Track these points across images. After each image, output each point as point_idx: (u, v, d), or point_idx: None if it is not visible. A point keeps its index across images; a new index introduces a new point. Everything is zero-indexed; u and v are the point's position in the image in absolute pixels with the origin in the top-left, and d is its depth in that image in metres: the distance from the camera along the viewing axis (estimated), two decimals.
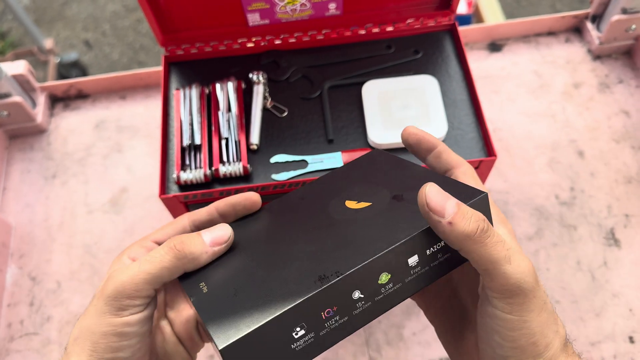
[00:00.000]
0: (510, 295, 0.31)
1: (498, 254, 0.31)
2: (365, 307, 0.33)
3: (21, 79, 0.73)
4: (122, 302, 0.34)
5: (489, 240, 0.31)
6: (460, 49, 0.62)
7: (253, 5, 0.60)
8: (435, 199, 0.31)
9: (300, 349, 0.32)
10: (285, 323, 0.31)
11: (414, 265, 0.33)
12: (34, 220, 0.71)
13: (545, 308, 0.32)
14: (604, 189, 0.70)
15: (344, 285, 0.32)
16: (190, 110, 0.59)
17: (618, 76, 0.78)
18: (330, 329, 0.32)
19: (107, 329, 0.34)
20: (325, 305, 0.32)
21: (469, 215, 0.31)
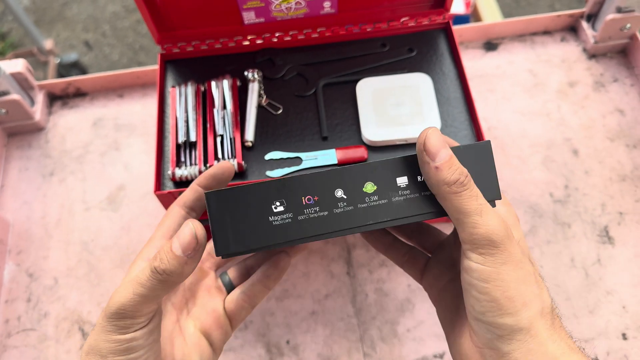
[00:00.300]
0: (480, 246, 0.33)
1: (469, 206, 0.33)
2: (347, 210, 0.34)
3: (19, 77, 0.74)
4: (125, 322, 0.35)
5: (464, 194, 0.33)
6: (454, 48, 0.63)
7: (248, 4, 0.60)
8: (433, 143, 0.33)
9: (278, 225, 0.34)
10: (267, 193, 0.34)
11: (402, 186, 0.35)
12: (32, 217, 0.71)
13: (522, 267, 0.33)
14: (598, 187, 0.70)
15: (328, 178, 0.34)
16: (186, 107, 0.60)
17: (613, 75, 0.78)
18: (308, 217, 0.34)
19: (114, 346, 0.35)
20: (307, 190, 0.34)
21: (455, 167, 0.33)
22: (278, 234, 0.34)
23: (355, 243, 0.68)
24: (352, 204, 0.34)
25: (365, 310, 0.64)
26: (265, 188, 0.34)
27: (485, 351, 0.34)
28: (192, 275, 0.45)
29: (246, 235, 0.34)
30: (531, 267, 0.34)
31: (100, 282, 0.67)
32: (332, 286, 0.65)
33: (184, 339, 0.42)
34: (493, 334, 0.33)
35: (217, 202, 0.34)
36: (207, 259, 0.47)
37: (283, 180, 0.34)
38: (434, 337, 0.62)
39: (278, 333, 0.63)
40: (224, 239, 0.34)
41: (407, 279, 0.65)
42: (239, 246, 0.34)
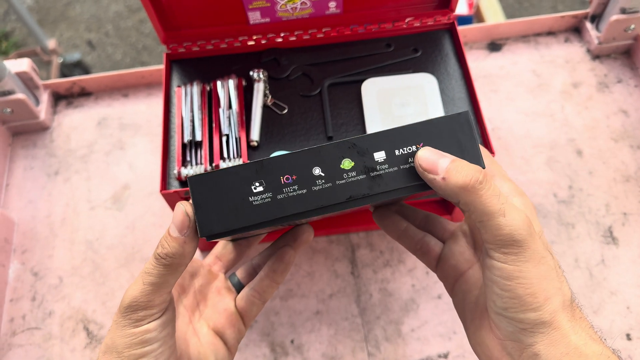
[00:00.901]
0: (503, 245, 0.33)
1: (493, 206, 0.32)
2: (325, 188, 0.35)
3: (24, 76, 0.74)
4: (138, 314, 0.36)
5: (484, 192, 0.32)
6: (459, 48, 0.63)
7: (254, 4, 0.61)
8: (427, 159, 0.33)
9: (258, 205, 0.35)
10: (245, 174, 0.35)
11: (380, 161, 0.35)
12: (37, 217, 0.72)
13: (544, 262, 0.33)
14: (602, 187, 0.70)
15: (305, 157, 0.35)
16: (192, 107, 0.60)
17: (617, 76, 0.78)
18: (287, 195, 0.35)
19: (129, 340, 0.36)
20: (285, 170, 0.35)
21: (463, 167, 0.33)
22: (259, 214, 0.35)
23: (360, 243, 0.68)
24: (330, 181, 0.35)
25: (370, 310, 0.64)
26: (244, 169, 0.35)
27: (507, 343, 0.35)
28: (202, 277, 0.46)
29: (228, 216, 0.35)
30: (552, 261, 0.34)
31: (105, 281, 0.67)
32: (337, 286, 0.65)
33: (199, 339, 0.43)
34: (515, 327, 0.34)
35: (199, 185, 0.35)
36: (215, 263, 0.47)
37: (261, 161, 0.35)
38: (439, 337, 0.62)
39: (282, 332, 0.63)
40: (208, 220, 0.35)
41: (412, 278, 0.65)
42: (222, 226, 0.35)
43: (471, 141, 0.36)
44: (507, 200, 0.33)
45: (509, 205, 0.33)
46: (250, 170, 0.35)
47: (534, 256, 0.33)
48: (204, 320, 0.44)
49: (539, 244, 0.33)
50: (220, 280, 0.46)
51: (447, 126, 0.36)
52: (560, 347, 0.33)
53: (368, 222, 0.67)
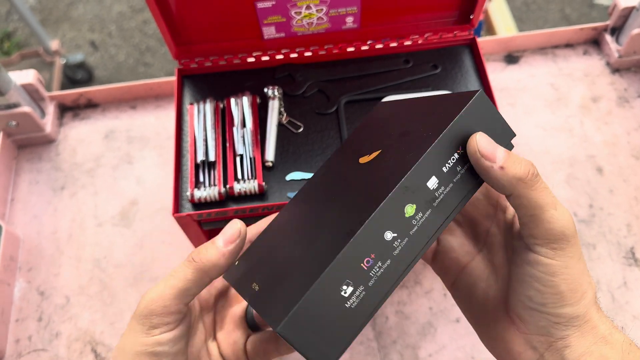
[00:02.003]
0: (554, 240, 0.33)
1: (545, 198, 0.32)
2: (404, 245, 0.33)
3: (30, 88, 0.72)
4: (153, 320, 0.35)
5: (538, 185, 0.32)
6: (480, 64, 0.61)
7: (269, 19, 0.59)
8: (486, 146, 0.32)
9: (356, 306, 0.32)
10: (329, 285, 0.31)
11: (435, 187, 0.33)
12: (42, 233, 0.70)
13: (582, 258, 0.34)
14: (623, 206, 0.68)
15: (371, 230, 0.32)
16: (205, 125, 0.58)
17: (637, 90, 0.76)
18: (377, 277, 0.32)
19: (140, 349, 0.35)
20: (362, 255, 0.32)
21: (519, 160, 0.32)
22: (361, 312, 0.32)
23: None
24: (404, 236, 0.33)
25: (386, 334, 0.62)
26: (328, 279, 0.32)
27: (533, 337, 0.35)
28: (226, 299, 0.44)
29: (337, 335, 0.32)
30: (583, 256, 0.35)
31: (113, 301, 0.65)
32: None
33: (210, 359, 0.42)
34: (549, 321, 0.34)
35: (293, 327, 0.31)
36: None
37: (335, 263, 0.32)
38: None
39: (295, 357, 0.61)
40: (322, 354, 0.32)
41: (429, 301, 0.63)
42: (337, 351, 0.32)
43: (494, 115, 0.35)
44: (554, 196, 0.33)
45: (558, 200, 0.33)
46: (331, 278, 0.32)
47: (577, 252, 0.33)
48: (217, 344, 0.43)
49: (579, 240, 0.34)
50: (240, 306, 0.45)
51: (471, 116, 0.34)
52: (589, 337, 0.34)
53: None
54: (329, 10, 0.58)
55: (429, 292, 0.64)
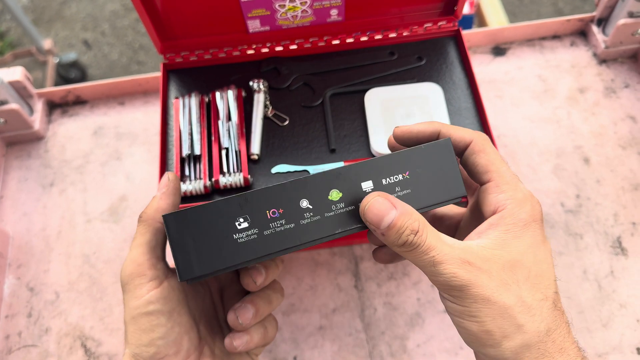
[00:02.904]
0: (444, 290, 0.34)
1: (423, 261, 0.34)
2: (313, 221, 0.34)
3: (18, 85, 0.72)
4: (135, 282, 0.38)
5: (414, 252, 0.34)
6: (465, 56, 0.61)
7: (253, 12, 0.59)
8: (373, 215, 0.34)
9: (243, 243, 0.33)
10: (228, 209, 0.33)
11: (368, 190, 0.35)
12: (32, 230, 0.70)
13: (496, 300, 0.33)
14: (610, 196, 0.68)
15: (291, 189, 0.34)
16: (190, 119, 0.58)
17: (624, 81, 0.76)
18: (275, 231, 0.34)
19: (135, 313, 0.38)
20: (271, 204, 0.34)
21: (402, 230, 0.33)
22: (244, 252, 0.33)
23: (363, 255, 0.66)
24: (318, 213, 0.34)
25: (374, 325, 0.62)
26: (227, 205, 0.33)
27: None
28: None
29: (211, 256, 0.33)
30: (513, 296, 0.34)
31: (102, 296, 0.65)
32: (340, 300, 0.64)
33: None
34: (485, 358, 0.35)
35: (176, 224, 0.33)
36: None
37: (245, 195, 0.33)
38: (445, 353, 0.60)
39: (285, 349, 0.62)
40: (187, 262, 0.33)
41: (417, 292, 0.64)
42: (204, 268, 0.33)
43: (452, 168, 0.37)
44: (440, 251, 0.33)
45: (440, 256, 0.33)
46: (234, 205, 0.33)
47: (481, 297, 0.33)
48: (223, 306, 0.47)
49: (488, 283, 0.33)
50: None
51: (430, 155, 0.36)
52: None
53: None
54: (313, 3, 0.59)
55: (416, 283, 0.64)
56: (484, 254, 0.34)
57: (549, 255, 0.37)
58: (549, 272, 0.36)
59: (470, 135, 0.38)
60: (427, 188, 0.37)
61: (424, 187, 0.37)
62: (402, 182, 0.36)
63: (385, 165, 0.36)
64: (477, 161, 0.38)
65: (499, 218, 0.36)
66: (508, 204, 0.36)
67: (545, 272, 0.36)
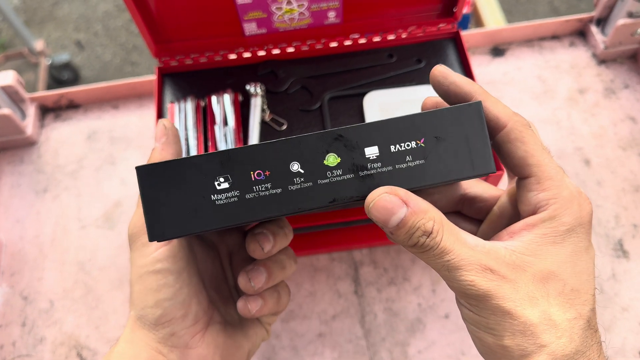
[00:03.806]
0: (462, 297, 0.31)
1: (436, 265, 0.30)
2: (304, 188, 0.30)
3: (10, 90, 0.71)
4: (142, 239, 0.36)
5: (427, 253, 0.30)
6: (464, 57, 0.60)
7: (250, 15, 0.58)
8: (380, 212, 0.30)
9: (221, 205, 0.29)
10: (208, 167, 0.29)
11: (372, 158, 0.30)
12: (25, 237, 0.69)
13: (518, 315, 0.29)
14: (611, 198, 0.68)
15: (281, 149, 0.29)
16: (186, 124, 0.57)
17: (624, 81, 0.76)
18: (258, 195, 0.30)
19: (142, 271, 0.36)
20: (256, 164, 0.29)
21: (412, 231, 0.30)
22: (222, 215, 0.29)
23: (363, 260, 0.65)
24: (310, 179, 0.30)
25: (375, 331, 0.61)
26: (207, 161, 0.29)
27: None
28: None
29: (185, 216, 0.29)
30: (537, 312, 0.30)
31: (98, 304, 0.64)
32: (340, 306, 0.63)
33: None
34: None
35: (150, 177, 0.29)
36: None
37: (228, 151, 0.29)
38: (447, 359, 0.60)
39: (284, 356, 0.61)
40: (159, 221, 0.29)
41: (417, 297, 0.63)
42: (176, 230, 0.29)
43: (481, 139, 0.31)
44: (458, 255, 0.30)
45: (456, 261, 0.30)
46: (214, 162, 0.29)
47: (501, 309, 0.29)
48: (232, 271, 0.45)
49: (504, 299, 0.29)
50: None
51: (455, 119, 0.30)
52: None
53: (371, 238, 0.64)
54: (310, 5, 0.58)
55: (417, 288, 0.63)
56: (513, 260, 0.30)
57: (591, 265, 0.32)
58: (587, 286, 0.31)
59: (505, 118, 0.32)
60: (445, 160, 0.31)
61: (442, 158, 0.31)
62: (415, 151, 0.30)
63: (396, 129, 0.30)
64: (512, 152, 0.32)
65: (538, 220, 0.31)
66: (551, 204, 0.31)
67: (583, 286, 0.31)
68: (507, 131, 0.32)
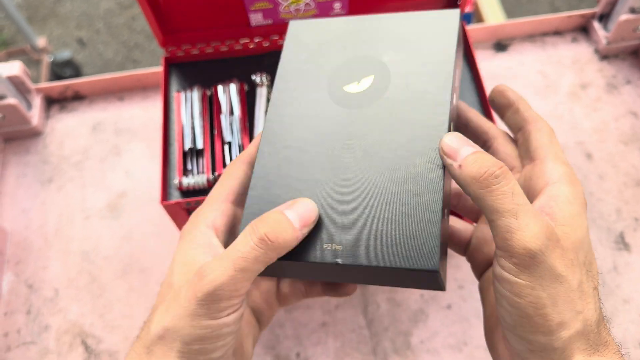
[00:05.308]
0: (514, 255, 0.29)
1: (502, 204, 0.29)
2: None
3: (16, 80, 0.71)
4: (220, 304, 0.31)
5: (496, 187, 0.30)
6: (469, 51, 0.61)
7: (256, 5, 0.58)
8: (450, 146, 0.33)
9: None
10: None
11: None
12: (30, 226, 0.69)
13: (563, 281, 0.29)
14: (613, 192, 0.68)
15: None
16: (192, 113, 0.58)
17: (625, 77, 0.76)
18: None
19: (203, 332, 0.31)
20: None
21: (483, 160, 0.31)
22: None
23: None
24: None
25: (377, 321, 0.62)
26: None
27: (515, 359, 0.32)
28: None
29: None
30: (577, 279, 0.30)
31: (102, 293, 0.65)
32: None
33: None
34: (524, 346, 0.31)
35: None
36: None
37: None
38: (449, 349, 0.60)
39: (288, 345, 0.61)
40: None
41: None
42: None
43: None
44: (525, 203, 0.29)
45: (525, 208, 0.29)
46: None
47: (551, 273, 0.29)
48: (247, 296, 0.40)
49: (559, 259, 0.29)
50: None
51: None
52: None
53: None
54: None
55: None
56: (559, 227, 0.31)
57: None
58: (595, 264, 0.33)
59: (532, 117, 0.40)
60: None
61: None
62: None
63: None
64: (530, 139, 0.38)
65: (560, 190, 0.33)
66: (564, 178, 0.34)
67: (592, 263, 0.33)
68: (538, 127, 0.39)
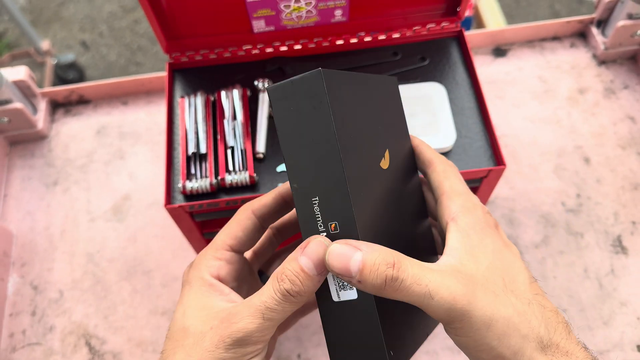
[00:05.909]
0: (448, 322, 0.31)
1: (417, 295, 0.30)
2: None
3: (22, 84, 0.72)
4: (246, 349, 0.33)
5: (402, 286, 0.30)
6: (467, 56, 0.62)
7: (258, 12, 0.59)
8: (337, 263, 0.30)
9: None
10: None
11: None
12: (36, 229, 0.70)
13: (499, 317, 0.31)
14: (611, 195, 0.69)
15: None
16: (196, 118, 0.59)
17: (623, 82, 0.77)
18: None
19: None
20: None
21: (375, 267, 0.30)
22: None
23: None
24: None
25: None
26: None
27: None
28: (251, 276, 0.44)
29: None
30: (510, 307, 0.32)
31: (106, 294, 0.66)
32: None
33: None
34: None
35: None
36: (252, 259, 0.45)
37: None
38: (447, 351, 0.61)
39: (289, 347, 0.62)
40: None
41: None
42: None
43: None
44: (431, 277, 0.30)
45: (434, 284, 0.30)
46: None
47: (481, 321, 0.31)
48: None
49: (483, 301, 0.31)
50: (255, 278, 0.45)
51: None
52: None
53: None
54: (317, 4, 0.59)
55: None
56: (464, 270, 0.33)
57: (518, 258, 0.36)
58: (521, 276, 0.35)
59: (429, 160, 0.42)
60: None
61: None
62: None
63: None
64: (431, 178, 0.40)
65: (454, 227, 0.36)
66: (459, 211, 0.36)
67: (517, 276, 0.34)
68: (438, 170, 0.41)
